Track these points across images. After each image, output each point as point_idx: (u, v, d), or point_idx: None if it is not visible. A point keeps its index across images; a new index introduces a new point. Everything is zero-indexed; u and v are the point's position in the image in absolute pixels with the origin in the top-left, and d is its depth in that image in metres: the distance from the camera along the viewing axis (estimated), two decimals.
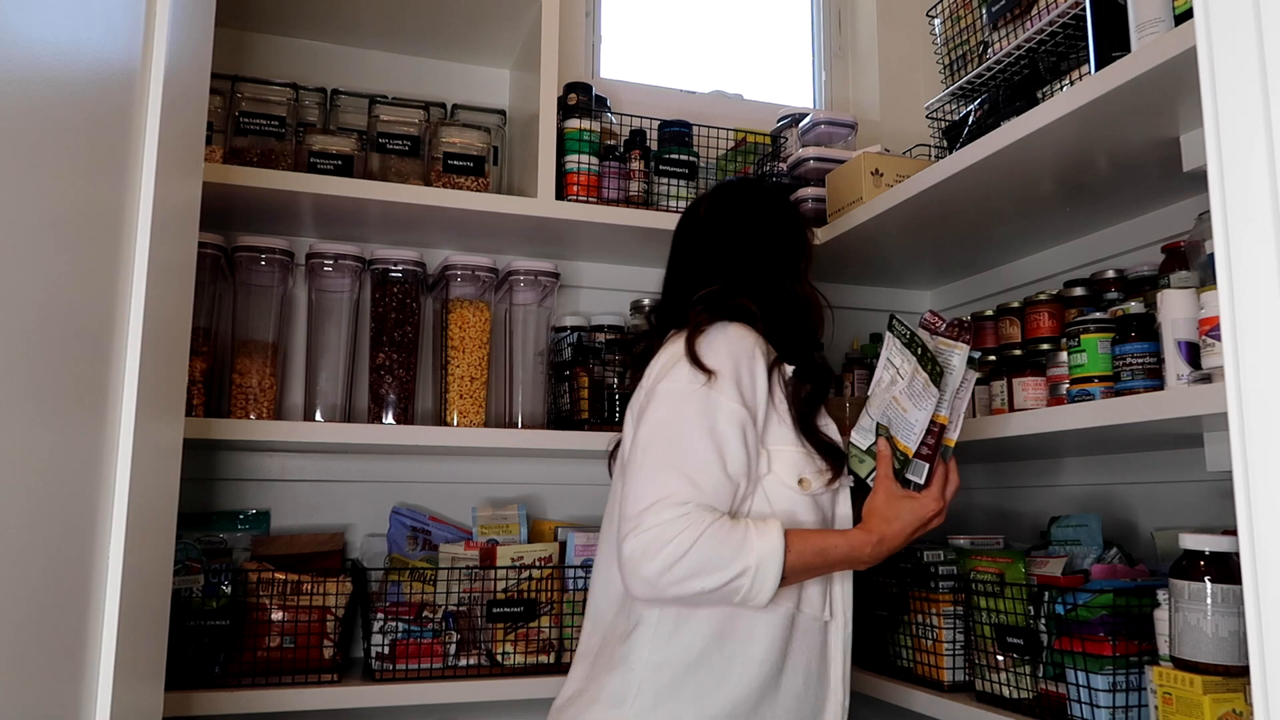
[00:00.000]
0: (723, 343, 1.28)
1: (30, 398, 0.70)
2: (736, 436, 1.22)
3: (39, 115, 0.70)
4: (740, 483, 1.22)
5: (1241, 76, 0.63)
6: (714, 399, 1.23)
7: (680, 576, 1.15)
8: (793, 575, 1.20)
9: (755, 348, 1.29)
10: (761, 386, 1.27)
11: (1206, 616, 1.10)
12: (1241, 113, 0.63)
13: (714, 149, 2.08)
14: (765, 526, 1.19)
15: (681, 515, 1.16)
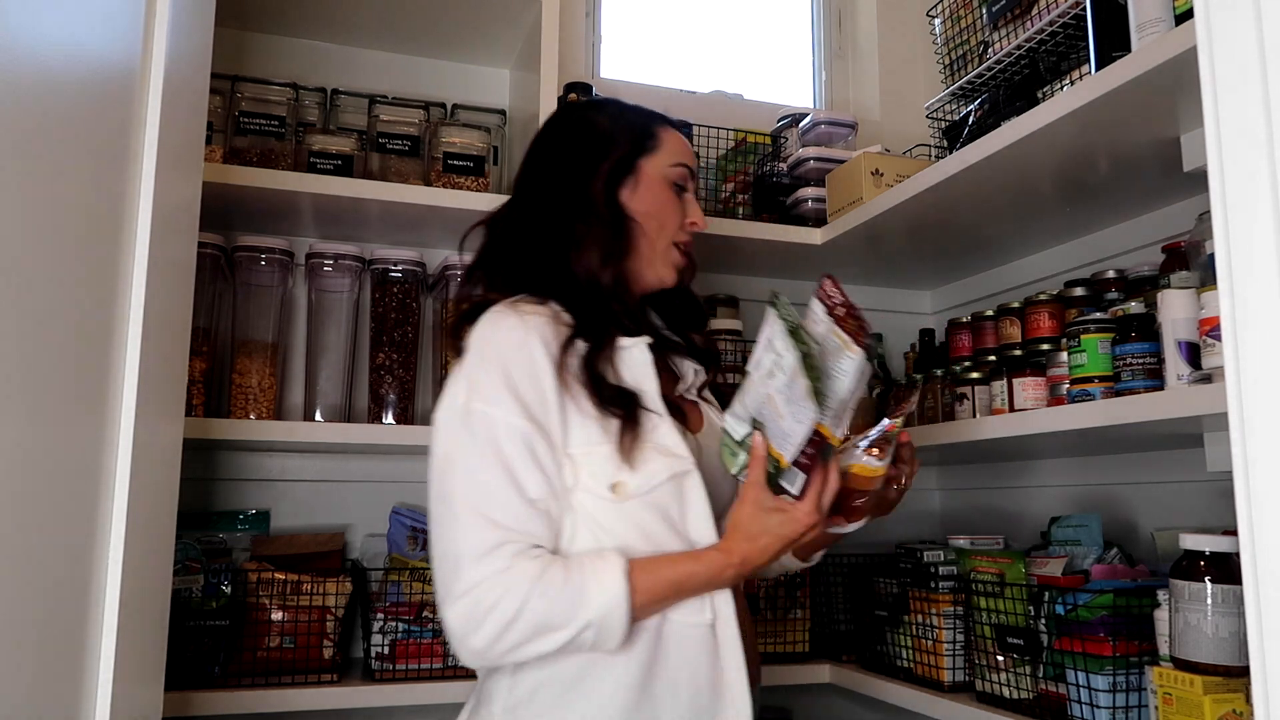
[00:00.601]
0: (487, 342, 1.09)
1: (30, 397, 0.70)
2: (524, 457, 1.04)
3: (39, 115, 0.70)
4: (549, 506, 1.05)
5: (1241, 76, 0.63)
6: (491, 416, 1.04)
7: (513, 644, 1.00)
8: (646, 614, 1.05)
9: (528, 335, 1.08)
10: (547, 383, 1.07)
11: (1207, 617, 1.10)
12: (1242, 113, 0.63)
13: (714, 149, 2.08)
14: (604, 571, 1.01)
15: (499, 573, 1.00)
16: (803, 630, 1.83)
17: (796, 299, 1.15)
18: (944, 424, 1.67)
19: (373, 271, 1.78)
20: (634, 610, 1.02)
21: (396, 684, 1.56)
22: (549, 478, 1.05)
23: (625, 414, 1.08)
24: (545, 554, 1.03)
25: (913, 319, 2.27)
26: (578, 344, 1.10)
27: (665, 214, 1.24)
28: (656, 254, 1.23)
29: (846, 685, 1.76)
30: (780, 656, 1.80)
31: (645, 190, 1.23)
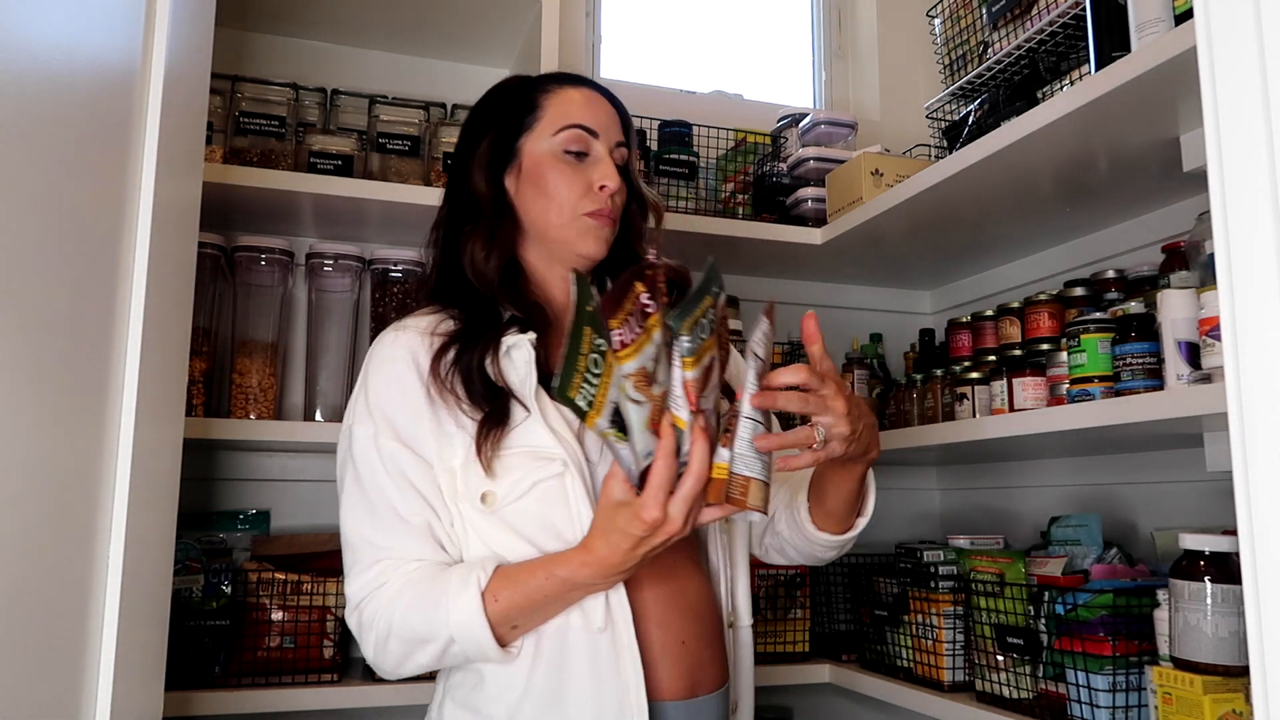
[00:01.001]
0: (368, 363, 1.11)
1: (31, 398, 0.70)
2: (395, 476, 1.04)
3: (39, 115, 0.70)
4: (428, 519, 1.04)
5: (1241, 76, 0.63)
6: (363, 438, 1.07)
7: (397, 657, 1.02)
8: (521, 620, 1.00)
9: (395, 352, 1.09)
10: (415, 399, 1.06)
11: (1206, 616, 1.10)
12: (1241, 113, 0.63)
13: (714, 149, 2.08)
14: (463, 583, 0.99)
15: (374, 590, 1.02)
16: (803, 630, 1.83)
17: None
18: (944, 424, 1.67)
19: (373, 271, 1.78)
20: (493, 622, 0.98)
21: (396, 684, 1.56)
22: (423, 494, 1.04)
23: (483, 418, 1.04)
24: (419, 567, 1.03)
25: (913, 319, 2.27)
26: (452, 352, 1.08)
27: (557, 191, 1.12)
28: (569, 234, 1.13)
29: (846, 685, 1.76)
30: (780, 656, 1.80)
31: (529, 172, 1.14)
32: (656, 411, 0.93)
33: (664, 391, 0.93)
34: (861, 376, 2.01)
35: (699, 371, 0.93)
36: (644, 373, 0.91)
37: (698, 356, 0.93)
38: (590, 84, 1.20)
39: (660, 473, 0.92)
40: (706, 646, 1.10)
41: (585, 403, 0.93)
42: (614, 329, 0.91)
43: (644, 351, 0.91)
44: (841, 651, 1.83)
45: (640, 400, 0.92)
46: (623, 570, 0.97)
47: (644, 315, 0.92)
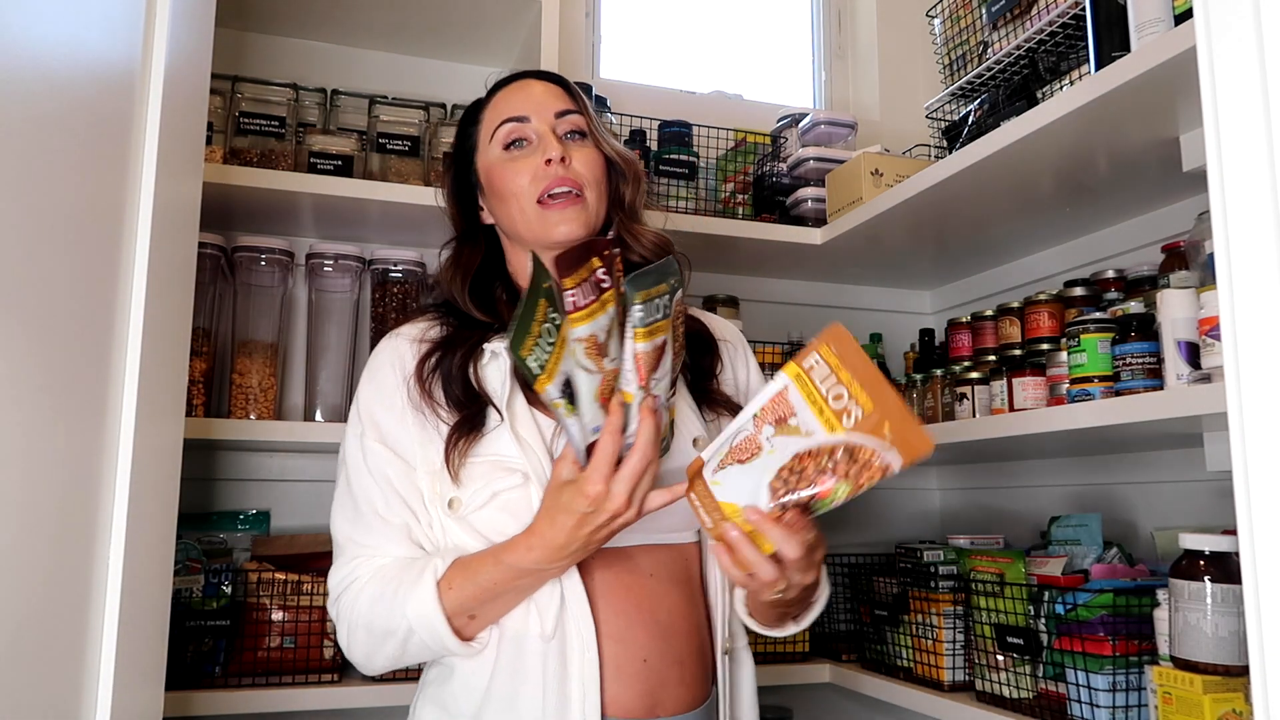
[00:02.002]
0: (366, 367, 1.15)
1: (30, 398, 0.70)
2: (379, 477, 1.07)
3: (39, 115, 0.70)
4: (405, 520, 1.07)
5: (1241, 76, 0.63)
6: (353, 439, 1.11)
7: (365, 652, 1.06)
8: (479, 610, 1.01)
9: (384, 358, 1.13)
10: (399, 403, 1.09)
11: (1206, 616, 1.10)
12: (1241, 113, 0.63)
13: (714, 149, 2.08)
14: (420, 574, 1.01)
15: (349, 585, 1.05)
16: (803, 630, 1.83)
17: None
18: (944, 424, 1.67)
19: (373, 271, 1.78)
20: (448, 612, 0.99)
21: (397, 684, 1.56)
22: (403, 495, 1.07)
23: (454, 425, 1.06)
24: (389, 563, 1.05)
25: (913, 319, 2.27)
26: (434, 358, 1.10)
27: (508, 188, 1.13)
28: (536, 228, 1.12)
29: (846, 685, 1.76)
30: (780, 656, 1.80)
31: (487, 187, 1.17)
32: (607, 386, 0.92)
33: (616, 369, 0.92)
34: None
35: (651, 347, 0.91)
36: (596, 341, 0.91)
37: (651, 331, 0.91)
38: (520, 75, 1.21)
39: (604, 447, 0.91)
40: (673, 666, 1.06)
41: (538, 365, 0.93)
42: (568, 289, 0.90)
43: (597, 320, 0.90)
44: (841, 651, 1.83)
45: (591, 369, 0.91)
46: (569, 552, 0.96)
47: (599, 288, 0.91)
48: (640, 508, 0.94)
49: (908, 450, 0.85)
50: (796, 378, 0.91)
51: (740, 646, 1.16)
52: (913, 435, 0.86)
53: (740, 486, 0.93)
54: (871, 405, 0.87)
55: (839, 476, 0.88)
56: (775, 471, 0.91)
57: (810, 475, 0.90)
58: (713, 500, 0.95)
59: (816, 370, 0.90)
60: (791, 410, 0.91)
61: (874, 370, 0.89)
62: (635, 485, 0.92)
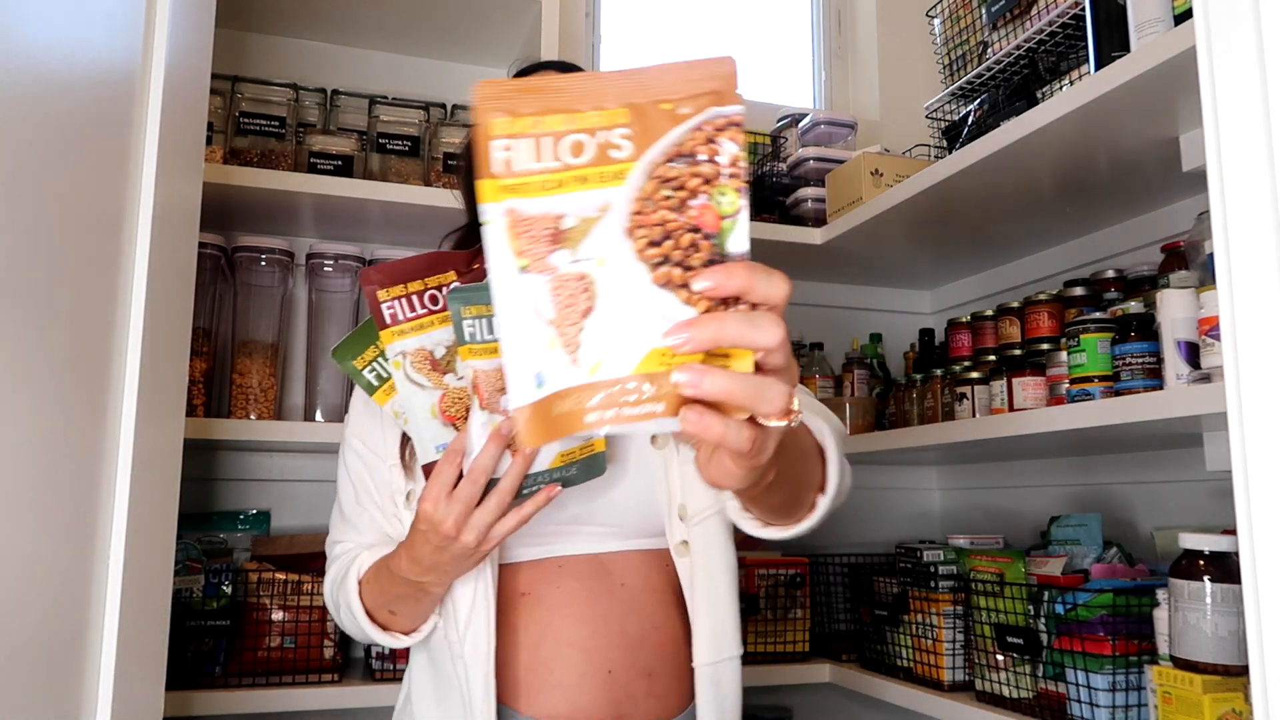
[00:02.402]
0: None
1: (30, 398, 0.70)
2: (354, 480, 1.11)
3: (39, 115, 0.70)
4: (374, 517, 1.09)
5: (1241, 76, 0.63)
6: (344, 438, 1.15)
7: (335, 612, 1.10)
8: (393, 606, 1.02)
9: None
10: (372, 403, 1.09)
11: (1206, 616, 1.10)
12: (1241, 112, 0.63)
13: None
14: (349, 570, 1.05)
15: (330, 561, 1.11)
16: (803, 630, 1.83)
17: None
18: (944, 424, 1.67)
19: None
20: (368, 606, 1.03)
21: (397, 683, 1.56)
22: (372, 491, 1.09)
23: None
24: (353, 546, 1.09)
25: (913, 319, 2.27)
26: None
27: None
28: None
29: (846, 685, 1.76)
30: (780, 656, 1.80)
31: None
32: (453, 402, 0.89)
33: (470, 382, 0.87)
34: (862, 376, 2.01)
35: (493, 366, 0.83)
36: (427, 355, 0.88)
37: (490, 349, 0.83)
38: (543, 66, 1.20)
39: (438, 468, 0.88)
40: (640, 678, 1.02)
41: (375, 377, 0.93)
42: (383, 301, 0.87)
43: (431, 334, 0.88)
44: (841, 651, 1.83)
45: (424, 384, 0.88)
46: (426, 567, 0.93)
47: (436, 300, 0.89)
48: (481, 536, 0.88)
49: (721, 91, 0.54)
50: (514, 189, 0.54)
51: (726, 658, 1.06)
52: (696, 81, 0.54)
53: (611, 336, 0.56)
54: (623, 111, 0.54)
55: (701, 192, 0.54)
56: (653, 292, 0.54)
57: (678, 228, 0.54)
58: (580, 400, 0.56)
59: (517, 155, 0.55)
60: (552, 216, 0.54)
61: (575, 78, 0.55)
62: (466, 512, 0.87)
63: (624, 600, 1.04)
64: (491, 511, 0.87)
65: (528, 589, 1.04)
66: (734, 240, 0.54)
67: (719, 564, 1.06)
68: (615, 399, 0.53)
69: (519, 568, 1.05)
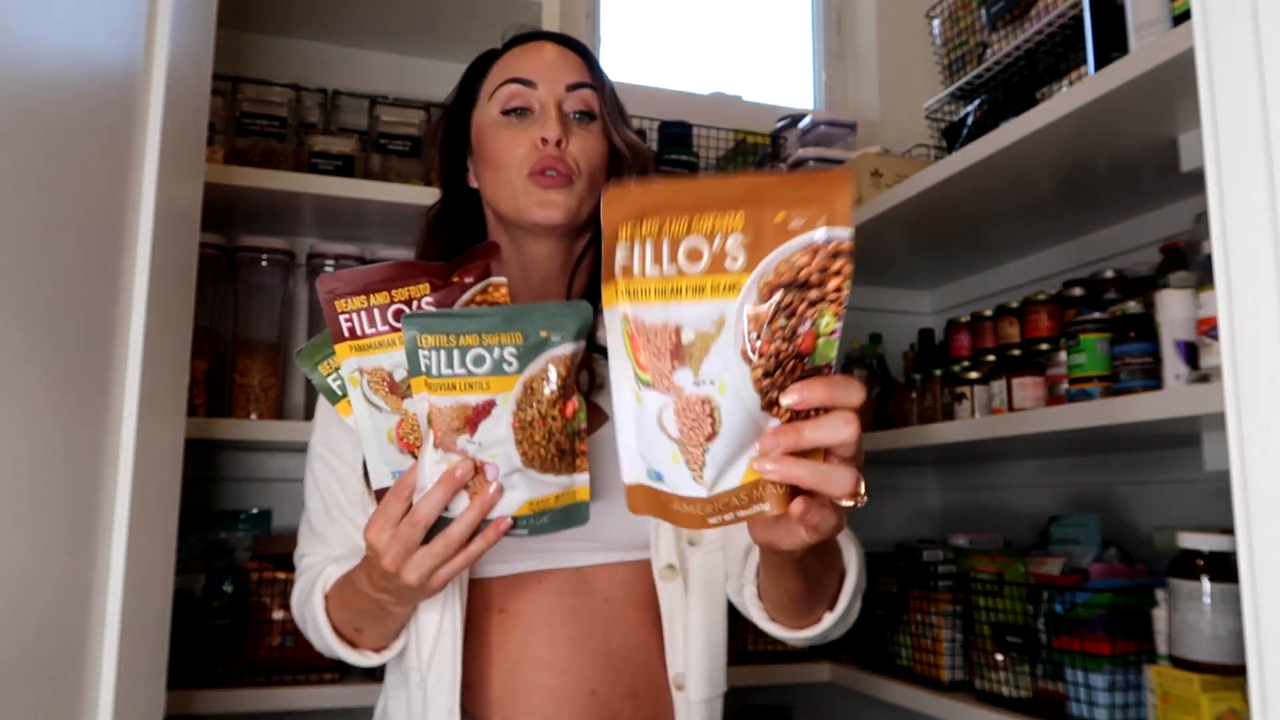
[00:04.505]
0: None
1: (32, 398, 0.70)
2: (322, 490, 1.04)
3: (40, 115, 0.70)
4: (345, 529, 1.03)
5: (1239, 77, 0.64)
6: (310, 443, 1.07)
7: (304, 628, 1.03)
8: (358, 623, 0.96)
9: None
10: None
11: (1204, 615, 1.10)
12: (1239, 113, 0.63)
13: (714, 149, 2.08)
14: (315, 584, 0.98)
15: (299, 574, 1.04)
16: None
17: None
18: (943, 424, 1.67)
19: None
20: (334, 622, 0.97)
21: None
22: (342, 502, 1.03)
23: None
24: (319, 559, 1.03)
25: (912, 319, 2.27)
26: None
27: (499, 156, 1.02)
28: (520, 203, 1.01)
29: (846, 684, 1.76)
30: (780, 655, 1.81)
31: (477, 148, 1.05)
32: (411, 429, 0.82)
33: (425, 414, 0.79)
34: (861, 376, 2.01)
35: (453, 403, 0.76)
36: (385, 377, 0.81)
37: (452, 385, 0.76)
38: (539, 35, 1.09)
39: (385, 499, 0.82)
40: (626, 699, 0.97)
41: (339, 387, 0.85)
42: (341, 312, 0.80)
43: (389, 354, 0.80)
44: (841, 651, 1.83)
45: (380, 406, 0.81)
46: (388, 592, 0.87)
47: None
48: (424, 577, 0.82)
49: (829, 208, 0.57)
50: (630, 294, 0.62)
51: (719, 694, 1.01)
52: (808, 190, 0.58)
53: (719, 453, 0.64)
54: (739, 215, 0.59)
55: (806, 318, 0.60)
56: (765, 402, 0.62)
57: (786, 351, 0.60)
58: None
59: (637, 258, 0.61)
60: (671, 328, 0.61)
61: (695, 182, 0.61)
62: (405, 553, 0.81)
63: (607, 617, 0.98)
64: (436, 556, 0.81)
65: (503, 605, 0.98)
66: (823, 355, 0.61)
67: (719, 594, 1.02)
68: (730, 506, 0.64)
69: (493, 583, 0.98)
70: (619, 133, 1.06)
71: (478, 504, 0.79)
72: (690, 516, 0.65)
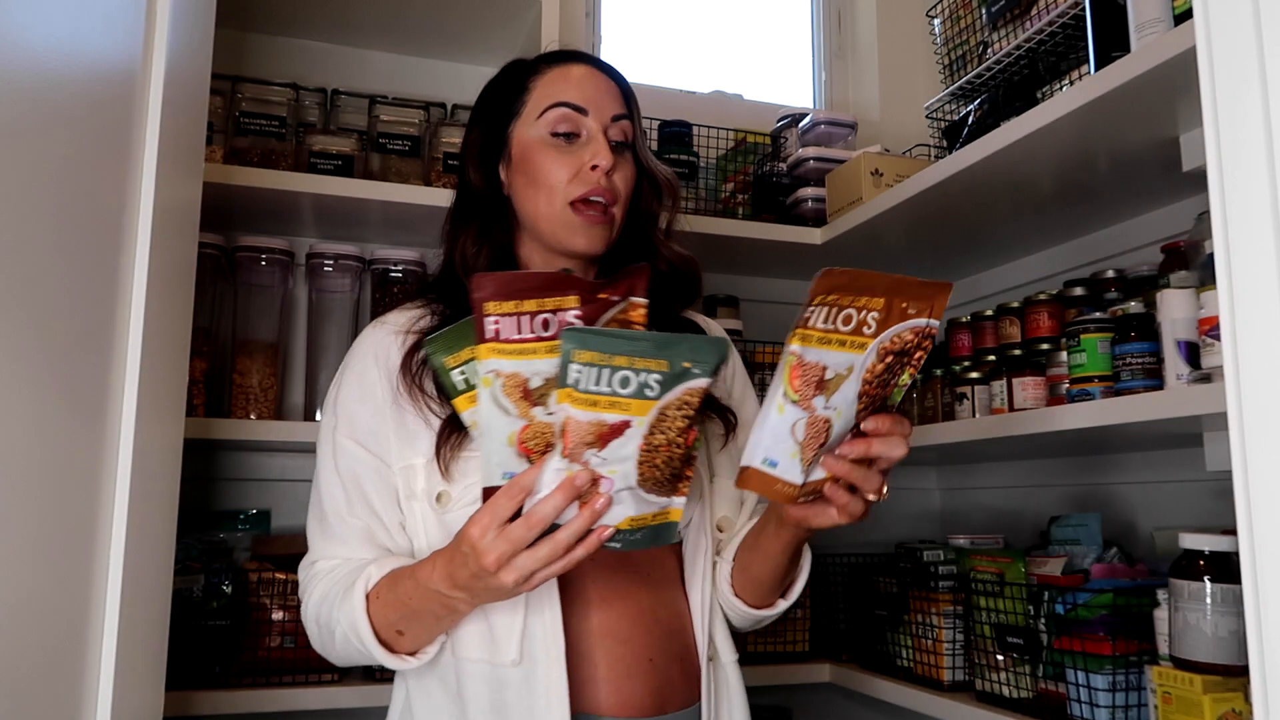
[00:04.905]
0: (346, 356, 1.11)
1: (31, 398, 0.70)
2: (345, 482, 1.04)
3: (40, 115, 0.70)
4: (369, 524, 1.04)
5: (1241, 76, 0.63)
6: (325, 432, 1.07)
7: (320, 645, 1.04)
8: (406, 625, 0.97)
9: (365, 349, 1.08)
10: (378, 395, 1.05)
11: (1206, 616, 1.10)
12: (1241, 112, 0.63)
13: (714, 149, 2.08)
14: (354, 584, 0.98)
15: (311, 577, 1.05)
16: (803, 630, 1.83)
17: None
18: (944, 424, 1.67)
19: (373, 271, 1.78)
20: (375, 624, 0.97)
21: None
22: (368, 496, 1.04)
23: (446, 419, 1.01)
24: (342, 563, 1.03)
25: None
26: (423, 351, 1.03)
27: (545, 176, 1.06)
28: (558, 226, 1.07)
29: (846, 685, 1.76)
30: (780, 656, 1.80)
31: (519, 161, 1.09)
32: (534, 435, 0.84)
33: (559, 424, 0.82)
34: None
35: (592, 419, 0.81)
36: (522, 383, 0.83)
37: (595, 402, 0.80)
38: (583, 58, 1.14)
39: (495, 499, 0.84)
40: (675, 663, 1.06)
41: (463, 382, 0.87)
42: (490, 314, 0.82)
43: (531, 362, 0.83)
44: (841, 651, 1.83)
45: (509, 410, 0.83)
46: (458, 586, 0.90)
47: (546, 327, 0.83)
48: (522, 579, 0.86)
49: (932, 305, 0.88)
50: (802, 339, 0.87)
51: (728, 661, 1.11)
52: (926, 292, 0.88)
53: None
54: (881, 300, 0.87)
55: (896, 374, 0.89)
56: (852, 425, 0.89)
57: (877, 394, 0.88)
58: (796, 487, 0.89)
59: (814, 317, 0.87)
60: (820, 366, 0.86)
61: (868, 274, 0.89)
62: (512, 552, 0.84)
63: (651, 591, 1.07)
64: (540, 560, 0.84)
65: (563, 586, 1.01)
66: (894, 399, 0.91)
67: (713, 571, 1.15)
68: (809, 491, 0.90)
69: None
70: (649, 162, 1.14)
71: (587, 513, 0.83)
72: (786, 495, 0.89)
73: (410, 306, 1.13)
